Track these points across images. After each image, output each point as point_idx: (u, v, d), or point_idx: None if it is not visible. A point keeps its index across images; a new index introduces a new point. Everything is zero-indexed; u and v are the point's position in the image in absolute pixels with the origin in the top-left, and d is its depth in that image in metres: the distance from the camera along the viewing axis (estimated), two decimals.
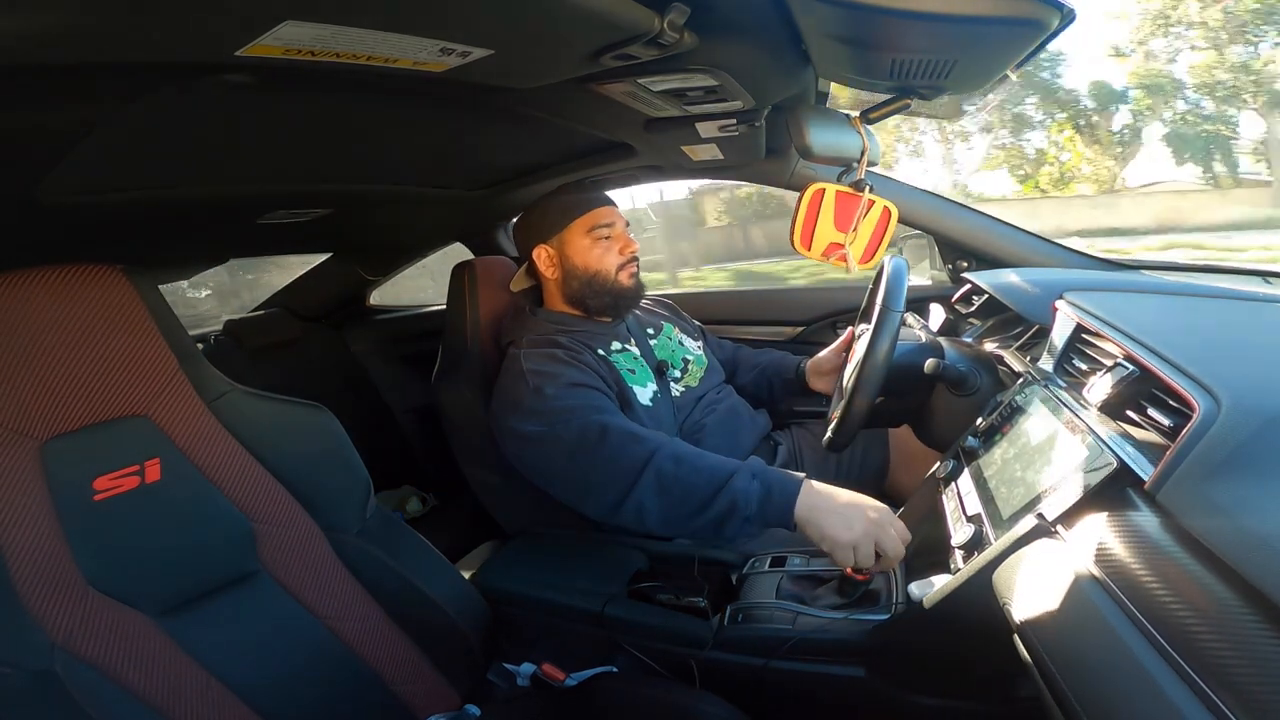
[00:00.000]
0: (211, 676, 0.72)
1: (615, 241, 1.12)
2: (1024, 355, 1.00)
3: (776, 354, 1.36)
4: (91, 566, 0.68)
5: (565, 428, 0.92)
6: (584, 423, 0.92)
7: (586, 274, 1.11)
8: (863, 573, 0.80)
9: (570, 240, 1.12)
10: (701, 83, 0.77)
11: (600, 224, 1.11)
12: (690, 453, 0.88)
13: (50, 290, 0.69)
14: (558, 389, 0.96)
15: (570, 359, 1.02)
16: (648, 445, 0.88)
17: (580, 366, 1.01)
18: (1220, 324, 0.81)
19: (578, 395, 0.97)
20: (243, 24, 0.46)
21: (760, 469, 0.84)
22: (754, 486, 0.82)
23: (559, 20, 0.55)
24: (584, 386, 0.98)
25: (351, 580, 0.84)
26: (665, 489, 0.86)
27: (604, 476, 0.89)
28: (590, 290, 1.12)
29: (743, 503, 0.82)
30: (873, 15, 0.56)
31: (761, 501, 0.82)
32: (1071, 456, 0.61)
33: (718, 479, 0.83)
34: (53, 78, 0.51)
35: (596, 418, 0.92)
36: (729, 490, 0.82)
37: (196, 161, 0.85)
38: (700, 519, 0.84)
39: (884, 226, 0.85)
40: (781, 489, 0.81)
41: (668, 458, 0.87)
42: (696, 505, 0.84)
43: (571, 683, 0.81)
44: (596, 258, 1.11)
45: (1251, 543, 0.40)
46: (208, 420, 0.78)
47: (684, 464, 0.86)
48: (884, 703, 0.75)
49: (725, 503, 0.82)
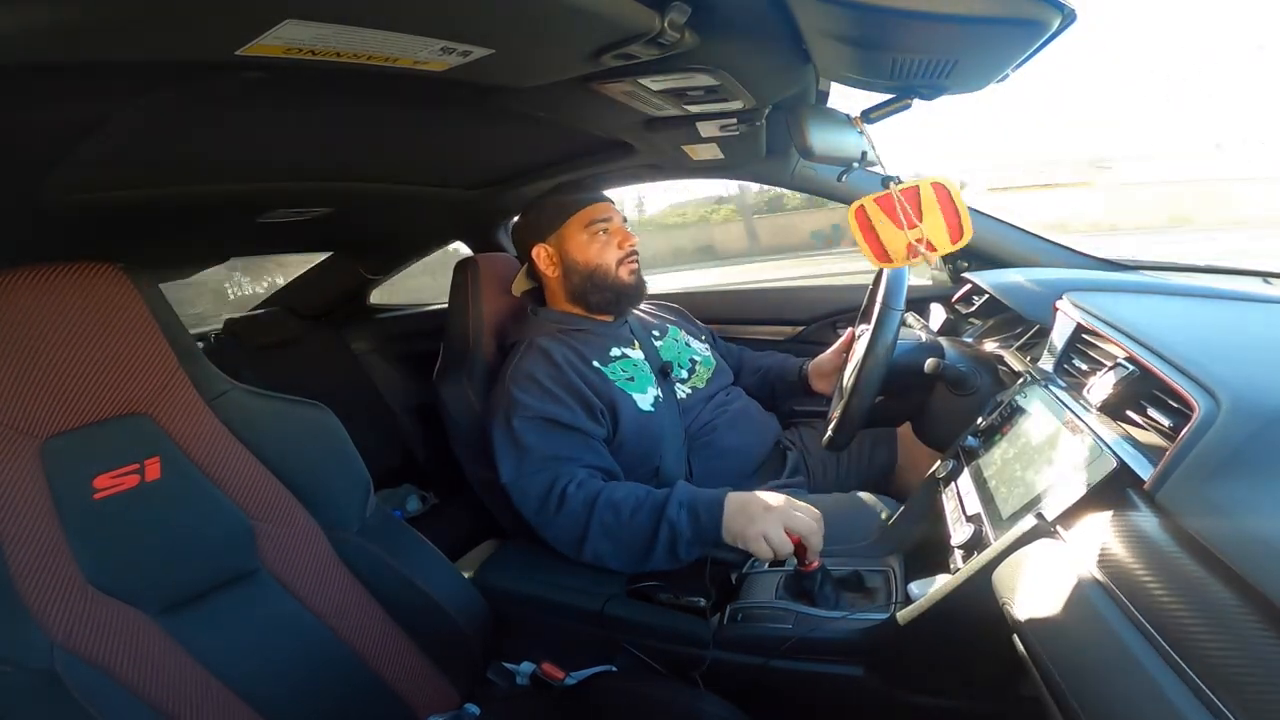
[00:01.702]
0: (211, 675, 0.72)
1: (613, 236, 1.13)
2: (1024, 355, 1.00)
3: (778, 356, 1.36)
4: (91, 565, 0.68)
5: (528, 482, 0.97)
6: (543, 480, 0.96)
7: (587, 269, 1.12)
8: (805, 564, 0.82)
9: (568, 237, 1.12)
10: (702, 82, 0.77)
11: (597, 219, 1.12)
12: (624, 496, 0.93)
13: (50, 288, 0.69)
14: (524, 421, 0.99)
15: (554, 384, 1.02)
16: (587, 498, 0.93)
17: (559, 399, 1.01)
18: (1220, 324, 0.81)
19: (541, 436, 0.98)
20: (244, 23, 0.46)
21: (688, 496, 0.90)
22: (683, 515, 0.88)
23: (559, 20, 0.55)
24: (554, 425, 0.99)
25: (351, 579, 0.84)
26: (612, 535, 0.92)
27: (560, 532, 0.95)
28: (591, 286, 1.12)
29: (680, 530, 0.88)
30: (873, 15, 0.56)
31: (693, 526, 0.88)
32: (1071, 456, 0.61)
33: (653, 515, 0.89)
34: (54, 77, 0.51)
35: (550, 474, 0.96)
36: (665, 522, 0.88)
37: (197, 160, 0.85)
38: (653, 555, 0.90)
39: (949, 200, 0.83)
40: (707, 509, 0.87)
41: (606, 506, 0.92)
42: (643, 544, 0.90)
43: (571, 682, 0.81)
44: (596, 252, 1.11)
45: (1251, 543, 0.40)
46: (208, 419, 0.78)
47: (621, 509, 0.91)
48: (883, 702, 0.75)
49: (666, 535, 0.89)
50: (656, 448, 1.07)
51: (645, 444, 1.06)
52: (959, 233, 0.83)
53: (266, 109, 0.72)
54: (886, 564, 0.87)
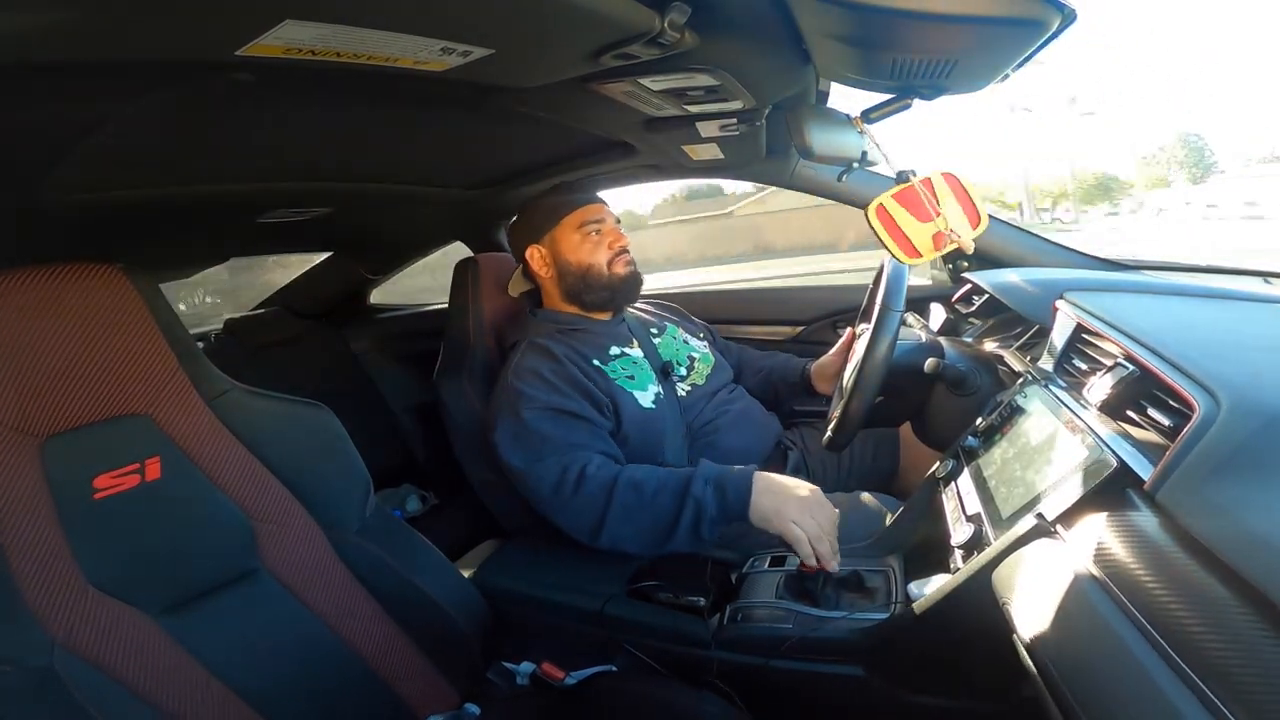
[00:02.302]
0: (211, 675, 0.72)
1: (605, 236, 1.14)
2: (1024, 355, 1.00)
3: (781, 357, 1.36)
4: (91, 565, 0.68)
5: (542, 467, 0.96)
6: (558, 464, 0.95)
7: (580, 269, 1.12)
8: (810, 566, 0.82)
9: (561, 238, 1.13)
10: (702, 82, 0.77)
11: (590, 220, 1.13)
12: (646, 476, 0.93)
13: (50, 289, 0.69)
14: (535, 412, 0.99)
15: (557, 378, 1.02)
16: (607, 480, 0.93)
17: (564, 391, 1.01)
18: (1220, 324, 0.81)
19: (554, 424, 0.99)
20: (244, 23, 0.46)
21: (714, 473, 0.90)
22: (708, 492, 0.89)
23: (559, 20, 0.55)
24: (563, 414, 0.99)
25: (351, 579, 0.84)
26: (633, 516, 0.91)
27: (576, 516, 0.95)
28: (585, 285, 1.13)
29: (705, 506, 0.88)
30: (873, 15, 0.56)
31: (719, 502, 0.88)
32: (1071, 456, 0.61)
33: (678, 493, 0.89)
34: (54, 77, 0.51)
35: (565, 459, 0.96)
36: (690, 499, 0.89)
37: (197, 160, 0.85)
38: (675, 535, 0.90)
39: (961, 189, 0.84)
40: (735, 487, 0.88)
41: (627, 486, 0.92)
42: (666, 524, 0.90)
43: (571, 682, 0.81)
44: (588, 252, 1.12)
45: (1251, 543, 0.40)
46: (208, 419, 0.78)
47: (643, 489, 0.91)
48: (883, 702, 0.75)
49: (691, 513, 0.89)
50: (658, 445, 1.07)
51: (647, 441, 1.06)
52: (977, 218, 0.83)
53: (266, 109, 0.72)
54: (886, 564, 0.87)
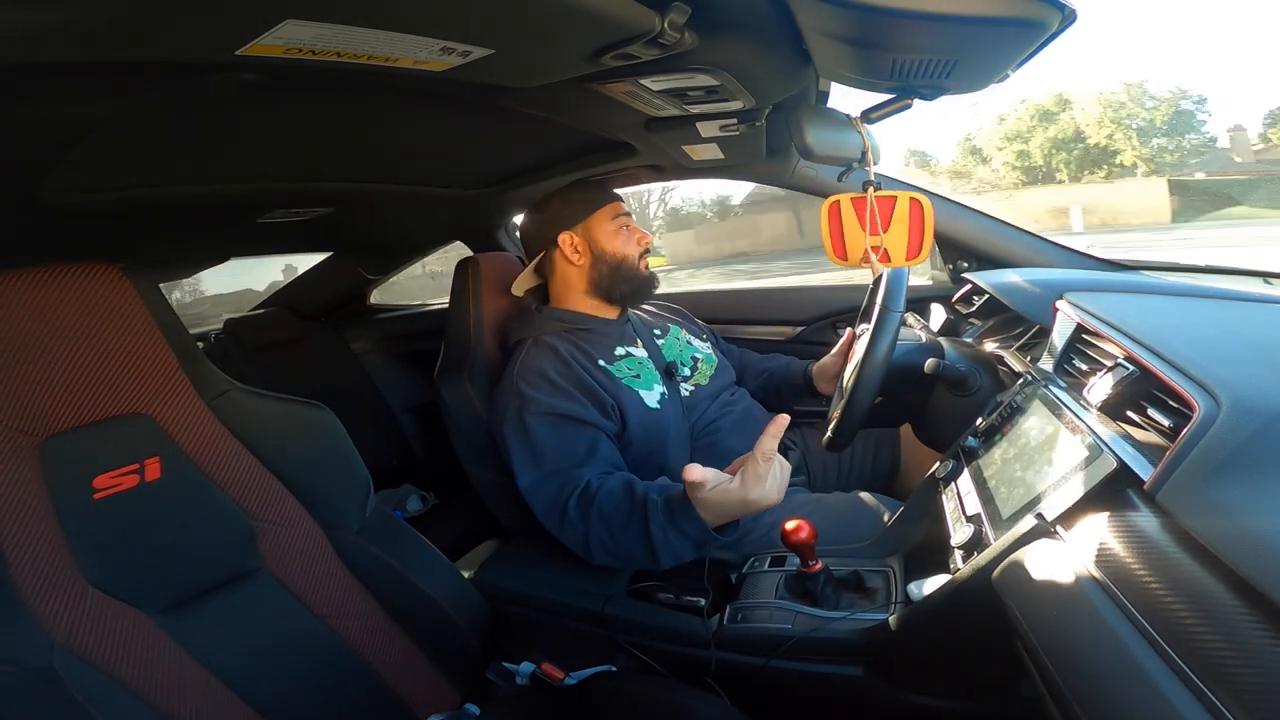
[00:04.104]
0: (211, 675, 0.72)
1: (634, 233, 1.16)
2: (1024, 355, 1.00)
3: (783, 359, 1.36)
4: (91, 565, 0.68)
5: (542, 490, 0.96)
6: (555, 487, 0.94)
7: (615, 259, 1.13)
8: (809, 565, 0.81)
9: (597, 226, 1.14)
10: (702, 82, 0.77)
11: (621, 214, 1.15)
12: (612, 510, 0.89)
13: (50, 289, 0.69)
14: (537, 418, 0.98)
15: (562, 379, 1.02)
16: (584, 513, 0.91)
17: (568, 393, 1.01)
18: (1220, 324, 0.81)
19: (555, 432, 0.98)
20: (244, 23, 0.46)
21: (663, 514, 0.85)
22: (670, 535, 0.83)
23: (559, 20, 0.55)
24: (565, 419, 0.99)
25: (351, 579, 0.84)
26: (610, 550, 0.89)
27: (569, 542, 0.94)
28: (617, 276, 1.13)
29: (675, 546, 0.84)
30: (873, 15, 0.56)
31: (680, 539, 0.83)
32: (1071, 457, 0.61)
33: (641, 535, 0.85)
34: (54, 76, 0.51)
35: (560, 482, 0.94)
36: (655, 545, 0.84)
37: (197, 160, 0.85)
38: (658, 563, 0.86)
39: (919, 219, 0.85)
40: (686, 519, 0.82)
41: (598, 520, 0.89)
42: (644, 556, 0.86)
43: (571, 682, 0.81)
44: (623, 243, 1.14)
45: (1251, 543, 0.40)
46: (208, 419, 0.78)
47: (611, 522, 0.88)
48: (883, 702, 0.75)
49: (665, 553, 0.84)
50: (662, 445, 1.07)
51: (652, 441, 1.06)
52: (917, 251, 0.86)
53: (266, 109, 0.72)
54: (886, 564, 0.87)
